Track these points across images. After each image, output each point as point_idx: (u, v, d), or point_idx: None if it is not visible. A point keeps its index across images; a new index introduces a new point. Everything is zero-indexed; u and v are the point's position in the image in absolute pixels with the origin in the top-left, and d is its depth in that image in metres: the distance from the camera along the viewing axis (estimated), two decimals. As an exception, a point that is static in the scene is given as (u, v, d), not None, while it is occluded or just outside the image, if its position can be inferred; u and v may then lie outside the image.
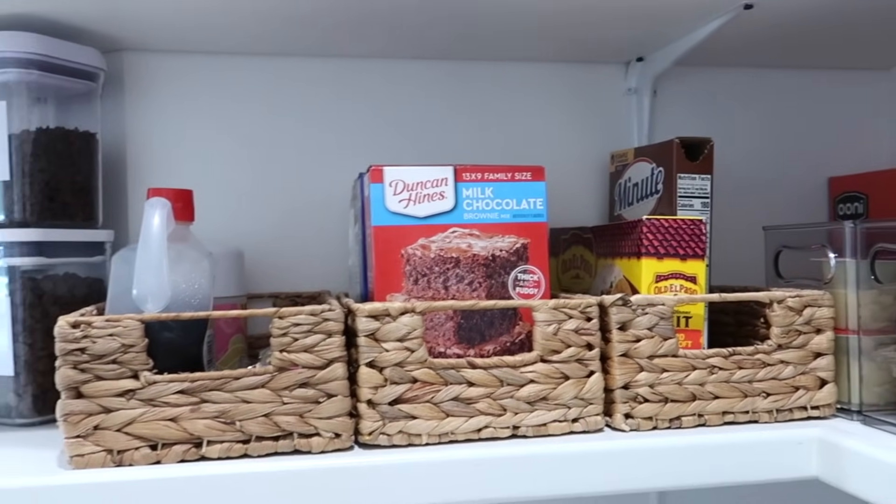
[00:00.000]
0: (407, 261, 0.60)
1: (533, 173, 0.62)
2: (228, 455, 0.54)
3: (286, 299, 0.82)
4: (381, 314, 0.56)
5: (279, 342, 0.55)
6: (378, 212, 0.59)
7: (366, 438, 0.56)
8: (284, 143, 0.85)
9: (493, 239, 0.61)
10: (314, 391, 0.55)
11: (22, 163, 0.67)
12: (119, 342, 0.52)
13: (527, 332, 0.62)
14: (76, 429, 0.51)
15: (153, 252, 0.55)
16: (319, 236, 0.85)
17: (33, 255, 0.67)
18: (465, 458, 0.55)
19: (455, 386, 0.57)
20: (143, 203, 0.82)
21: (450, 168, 0.61)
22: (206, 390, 0.53)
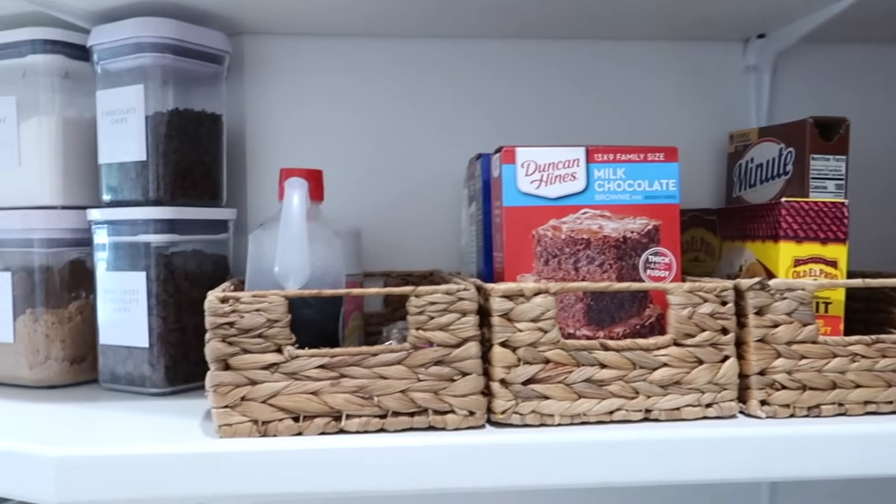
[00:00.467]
0: (538, 242, 0.60)
1: (666, 154, 0.61)
2: (366, 429, 0.55)
3: (397, 278, 0.83)
4: (515, 294, 0.56)
5: (415, 320, 0.55)
6: (509, 192, 0.59)
7: (498, 417, 0.56)
8: (398, 125, 0.86)
9: (624, 220, 0.60)
10: (449, 369, 0.55)
11: (157, 143, 0.69)
12: (265, 317, 0.54)
13: (657, 315, 0.61)
14: (224, 399, 0.53)
15: (294, 231, 0.56)
16: (430, 216, 0.86)
17: (166, 233, 0.70)
18: (598, 439, 0.55)
19: (587, 367, 0.57)
20: (261, 183, 0.84)
21: (581, 149, 0.60)
22: (345, 365, 0.54)
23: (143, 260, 0.69)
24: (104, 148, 0.71)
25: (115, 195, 0.71)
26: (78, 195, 0.74)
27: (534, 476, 0.54)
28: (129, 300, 0.70)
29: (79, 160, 0.74)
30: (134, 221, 0.69)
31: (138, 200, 0.70)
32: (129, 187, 0.70)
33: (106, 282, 0.72)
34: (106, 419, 0.63)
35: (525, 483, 0.54)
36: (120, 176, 0.71)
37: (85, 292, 0.76)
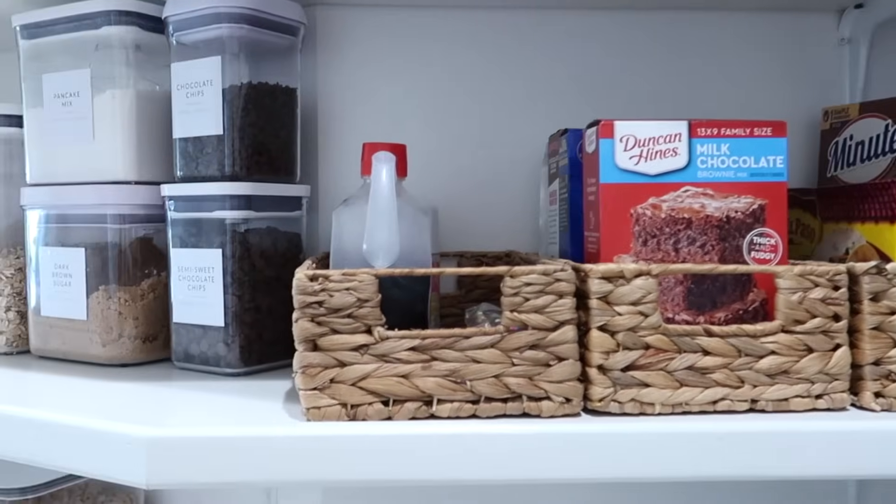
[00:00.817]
0: (636, 221, 0.56)
1: (774, 128, 0.57)
2: (458, 415, 0.52)
3: (471, 258, 0.80)
4: (614, 276, 0.53)
5: (510, 302, 0.53)
6: (607, 168, 0.56)
7: (595, 405, 0.53)
8: (475, 100, 0.83)
9: (727, 199, 0.57)
10: (544, 353, 0.53)
11: (233, 117, 0.68)
12: (355, 296, 0.51)
13: (761, 300, 0.57)
14: (313, 381, 0.51)
15: (383, 207, 0.54)
16: (505, 195, 0.83)
17: (243, 209, 0.68)
18: (704, 430, 0.52)
19: (690, 354, 0.54)
20: (332, 159, 0.82)
21: (684, 123, 0.57)
22: (437, 348, 0.52)
23: (219, 237, 0.68)
24: (179, 122, 0.70)
25: (189, 170, 0.70)
26: (151, 170, 0.73)
27: (635, 468, 0.51)
28: (205, 278, 0.68)
29: (152, 135, 0.73)
30: (210, 197, 0.68)
31: (214, 175, 0.68)
32: (204, 162, 0.69)
33: (180, 259, 0.70)
34: (184, 399, 0.61)
35: (626, 475, 0.51)
36: (195, 150, 0.69)
37: (157, 270, 0.75)
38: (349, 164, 0.81)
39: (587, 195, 0.59)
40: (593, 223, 0.58)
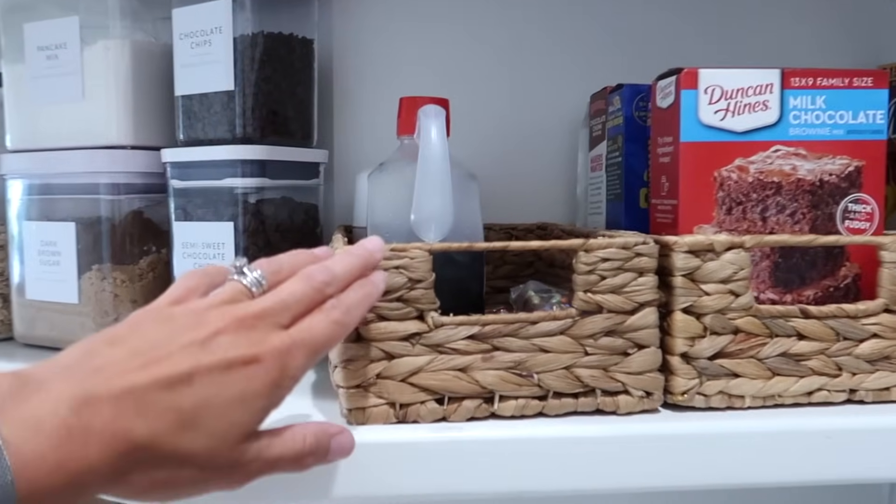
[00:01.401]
0: (720, 185, 0.49)
1: (875, 79, 0.50)
2: (523, 413, 0.46)
3: (500, 231, 0.73)
4: (703, 249, 0.46)
5: (585, 280, 0.45)
6: (689, 125, 0.49)
7: (677, 398, 0.47)
8: (503, 58, 0.75)
9: (821, 160, 0.50)
10: (622, 340, 0.46)
11: (245, 70, 0.59)
12: (406, 276, 0.44)
13: (853, 276, 0.51)
14: (356, 377, 0.44)
15: (436, 170, 0.46)
16: (536, 161, 0.75)
17: (256, 176, 0.60)
18: (806, 427, 0.45)
19: (783, 339, 0.47)
20: (349, 120, 0.74)
21: (776, 71, 0.49)
22: (499, 336, 0.45)
23: (230, 208, 0.60)
24: (183, 77, 0.61)
25: (194, 132, 0.61)
26: (150, 133, 0.65)
27: (733, 472, 0.44)
28: (214, 255, 0.60)
29: (151, 92, 0.64)
30: (218, 163, 0.60)
31: (223, 138, 0.60)
32: (212, 123, 0.60)
33: (184, 234, 0.62)
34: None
35: (723, 480, 0.44)
36: (201, 109, 0.61)
37: (157, 246, 0.67)
38: (367, 126, 0.73)
39: (658, 157, 0.52)
40: (667, 189, 0.51)
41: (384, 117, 0.72)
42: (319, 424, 0.40)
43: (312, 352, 0.37)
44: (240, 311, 0.37)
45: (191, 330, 0.35)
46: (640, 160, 0.59)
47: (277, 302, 0.38)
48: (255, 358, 0.35)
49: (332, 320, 0.38)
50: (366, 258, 0.42)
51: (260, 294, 0.39)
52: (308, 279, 0.39)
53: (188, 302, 0.39)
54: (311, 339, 0.37)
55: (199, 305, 0.37)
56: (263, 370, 0.35)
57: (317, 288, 0.39)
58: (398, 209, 0.49)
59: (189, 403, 0.34)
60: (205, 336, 0.35)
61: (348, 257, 0.41)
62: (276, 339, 0.36)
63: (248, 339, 0.36)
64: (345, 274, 0.40)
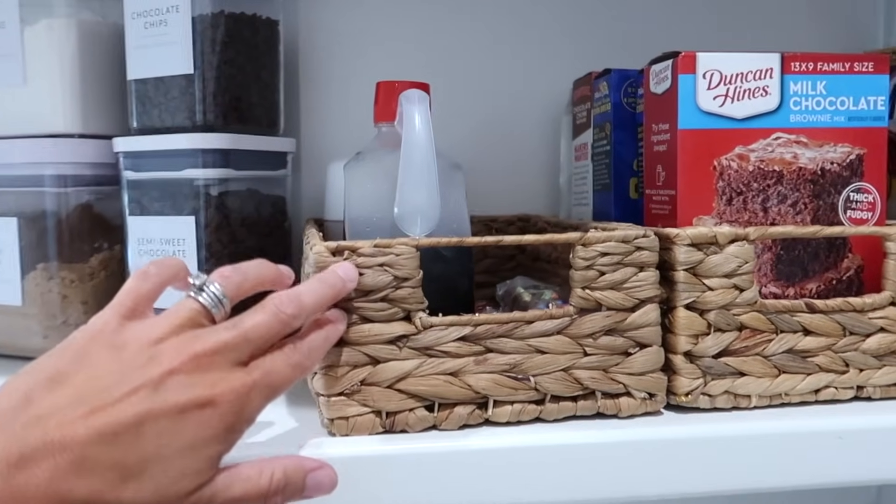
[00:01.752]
0: (720, 174, 0.47)
1: (875, 63, 0.48)
2: (519, 419, 0.42)
3: (479, 224, 0.69)
4: (706, 242, 0.43)
5: (583, 276, 0.42)
6: (687, 111, 0.46)
7: (681, 400, 0.44)
8: (478, 43, 0.71)
9: (822, 148, 0.48)
10: (623, 339, 0.43)
11: (205, 53, 0.54)
12: (391, 274, 0.40)
13: (856, 267, 0.49)
14: (339, 384, 0.40)
15: (420, 159, 0.42)
16: (515, 150, 0.72)
17: (219, 167, 0.55)
18: (816, 428, 0.43)
19: (789, 335, 0.45)
20: (316, 108, 0.69)
21: (775, 56, 0.47)
22: (492, 337, 0.41)
23: (190, 201, 0.55)
24: (136, 59, 0.56)
25: (150, 119, 0.57)
26: (100, 121, 0.59)
27: (742, 477, 0.42)
28: (174, 252, 0.56)
29: (100, 76, 0.59)
30: (177, 152, 0.55)
31: (182, 126, 0.55)
32: (169, 109, 0.56)
33: (140, 229, 0.57)
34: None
35: (731, 486, 0.42)
36: (157, 94, 0.56)
37: (109, 242, 0.62)
38: (336, 113, 0.69)
39: (652, 145, 0.49)
40: (664, 179, 0.48)
41: (355, 103, 0.68)
42: (293, 459, 0.36)
43: (271, 394, 0.34)
44: (197, 346, 0.33)
45: (142, 368, 0.32)
46: (629, 149, 0.56)
47: (238, 335, 0.34)
48: (211, 401, 0.32)
49: (293, 363, 0.35)
50: (338, 288, 0.38)
51: (221, 315, 0.35)
52: (275, 312, 0.35)
53: (142, 321, 0.35)
54: (271, 381, 0.34)
55: (152, 334, 0.33)
56: (219, 414, 0.32)
57: (284, 321, 0.36)
58: (379, 202, 0.45)
59: (135, 457, 0.30)
60: (157, 376, 0.32)
61: (320, 286, 0.38)
62: (236, 379, 0.33)
63: (204, 380, 0.32)
64: (314, 306, 0.37)
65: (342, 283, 0.38)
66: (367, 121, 0.52)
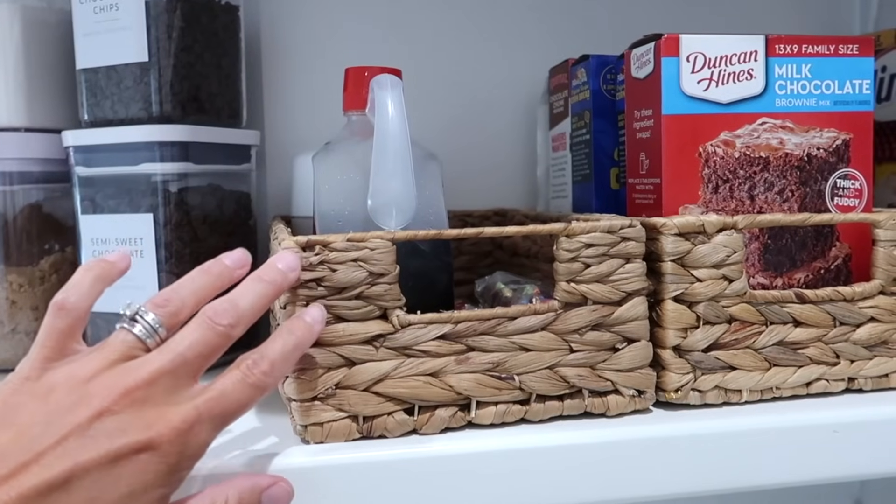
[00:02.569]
0: (706, 161, 0.45)
1: (860, 46, 0.47)
2: (504, 420, 0.40)
3: (454, 219, 0.67)
4: (693, 231, 0.42)
5: (567, 269, 0.40)
6: (671, 96, 0.44)
7: (670, 396, 0.42)
8: (448, 30, 0.69)
9: (808, 133, 0.46)
10: (610, 335, 0.41)
11: (161, 39, 0.51)
12: (366, 270, 0.38)
13: (844, 256, 0.47)
14: (312, 388, 0.37)
15: (395, 148, 0.40)
16: (488, 141, 0.70)
17: (178, 161, 0.52)
18: (811, 421, 0.41)
19: (779, 326, 0.43)
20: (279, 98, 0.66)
21: (760, 38, 0.45)
22: (474, 335, 0.39)
23: (148, 198, 0.52)
24: (86, 47, 0.53)
25: (102, 111, 0.53)
26: (48, 113, 0.56)
27: (737, 475, 0.40)
28: (130, 253, 0.52)
29: (47, 66, 0.55)
30: (133, 146, 0.52)
31: (138, 117, 0.52)
32: (122, 100, 0.52)
33: (93, 229, 0.54)
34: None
35: (727, 485, 0.40)
36: (109, 84, 0.52)
37: (60, 244, 0.58)
38: (302, 103, 0.66)
39: (635, 132, 0.47)
40: (647, 167, 0.46)
41: (321, 92, 0.66)
42: (245, 479, 0.33)
43: (222, 423, 0.31)
44: (129, 380, 0.30)
45: (69, 412, 0.29)
46: (610, 137, 0.54)
47: (174, 358, 0.31)
48: (148, 444, 0.29)
49: (251, 383, 0.32)
50: (279, 283, 0.35)
51: (157, 345, 0.32)
52: (209, 325, 0.33)
53: (69, 361, 0.32)
54: (223, 409, 0.31)
55: (80, 373, 0.31)
56: (158, 457, 0.29)
57: (221, 333, 0.33)
58: (350, 194, 0.43)
59: None
60: (86, 420, 0.29)
61: (256, 285, 0.35)
62: (176, 415, 0.30)
63: (141, 420, 0.29)
64: (253, 309, 0.34)
65: (282, 275, 0.35)
66: (334, 110, 0.50)
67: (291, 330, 0.35)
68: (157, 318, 0.33)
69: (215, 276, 0.35)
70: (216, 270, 0.36)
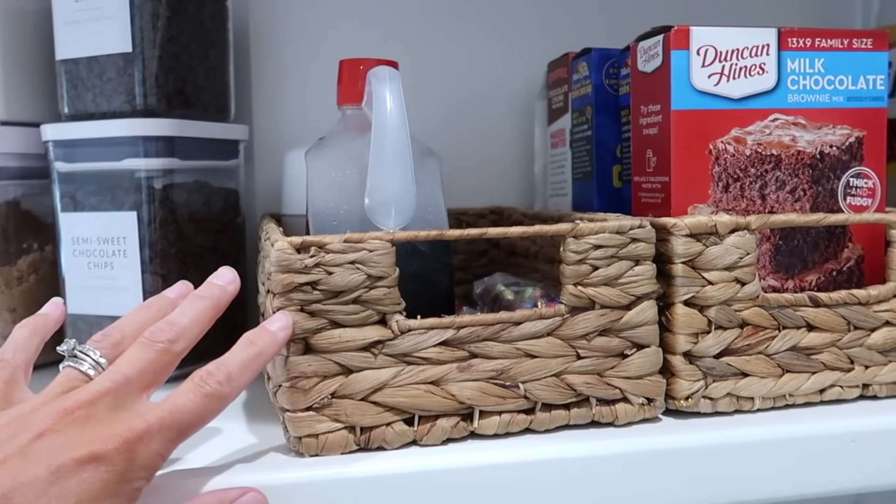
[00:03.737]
0: (716, 159, 0.43)
1: (874, 40, 0.45)
2: (508, 430, 0.38)
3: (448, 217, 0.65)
4: (705, 232, 0.40)
5: (574, 272, 0.38)
6: (680, 90, 0.42)
7: (680, 404, 0.40)
8: (442, 23, 0.66)
9: (821, 130, 0.45)
10: (619, 340, 0.39)
11: (145, 29, 0.49)
12: (364, 273, 0.36)
13: (856, 258, 0.46)
14: (307, 398, 0.35)
15: (393, 143, 0.38)
16: (483, 137, 0.68)
17: (164, 156, 0.50)
18: (828, 430, 0.40)
19: (792, 331, 0.42)
20: (268, 92, 0.64)
21: (772, 31, 0.44)
22: (477, 340, 0.37)
23: (131, 195, 0.50)
24: (66, 37, 0.50)
25: (83, 104, 0.51)
26: (25, 106, 0.54)
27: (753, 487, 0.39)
28: (113, 252, 0.50)
29: (24, 56, 0.53)
30: (116, 140, 0.49)
31: (121, 110, 0.50)
32: (105, 92, 0.50)
33: (74, 227, 0.51)
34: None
35: (741, 498, 0.38)
36: (91, 76, 0.50)
37: (39, 242, 0.56)
38: (292, 96, 0.64)
39: (641, 129, 0.46)
40: (655, 164, 0.44)
41: (314, 85, 0.63)
42: (213, 495, 0.32)
43: (177, 434, 0.30)
44: (69, 402, 0.30)
45: (12, 439, 0.29)
46: (612, 133, 0.52)
47: (115, 377, 0.31)
48: (92, 457, 0.28)
49: (206, 393, 0.31)
50: (216, 297, 0.35)
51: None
52: (148, 343, 0.33)
53: (17, 405, 0.32)
54: (174, 420, 0.30)
55: (25, 408, 0.31)
56: (105, 467, 0.28)
57: (161, 350, 0.32)
58: (346, 192, 0.41)
59: None
60: (27, 441, 0.29)
61: (196, 302, 0.35)
62: (121, 425, 0.29)
63: (82, 435, 0.29)
64: (194, 324, 0.34)
65: (220, 290, 0.36)
66: (327, 104, 0.48)
67: (252, 340, 0.34)
68: (98, 351, 0.33)
69: (156, 310, 0.36)
70: (157, 304, 0.36)
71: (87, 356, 0.33)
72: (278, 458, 0.36)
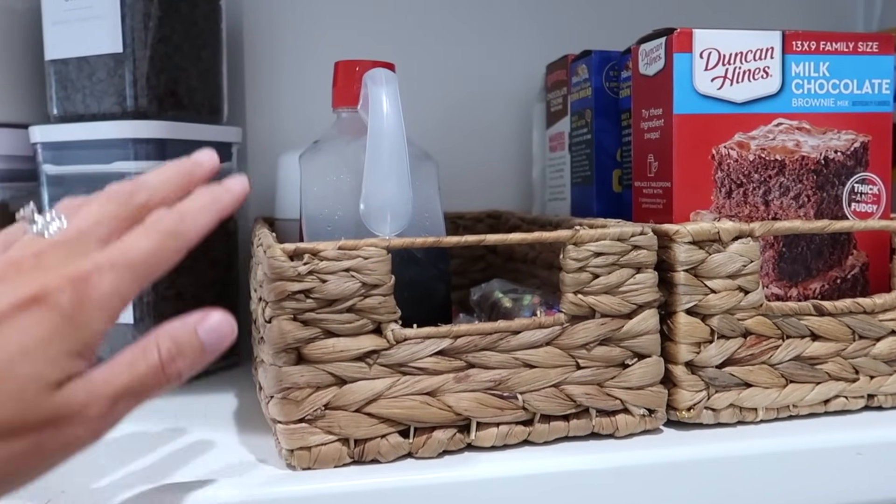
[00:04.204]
0: (719, 164, 0.42)
1: (880, 43, 0.44)
2: (505, 442, 0.37)
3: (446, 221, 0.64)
4: (708, 239, 0.39)
5: (575, 279, 0.37)
6: (683, 94, 0.42)
7: (682, 415, 0.40)
8: (439, 25, 0.65)
9: (826, 135, 0.44)
10: (619, 350, 0.38)
11: (136, 29, 0.48)
12: (359, 281, 0.35)
13: (861, 265, 0.45)
14: (300, 409, 0.34)
15: (390, 147, 0.37)
16: (480, 140, 0.67)
17: (153, 159, 0.49)
18: (825, 443, 0.39)
19: (796, 340, 0.41)
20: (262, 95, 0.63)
21: (776, 34, 0.43)
22: (474, 350, 0.36)
23: (121, 199, 0.48)
24: (55, 37, 0.49)
25: (72, 105, 0.50)
26: (13, 107, 0.53)
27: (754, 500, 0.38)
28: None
29: (12, 56, 0.52)
30: (106, 143, 0.48)
31: (112, 112, 0.49)
32: (95, 93, 0.49)
33: (63, 231, 0.50)
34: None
35: (745, 512, 0.38)
36: (81, 77, 0.49)
37: (28, 246, 0.55)
38: (286, 99, 0.63)
39: (642, 133, 0.45)
40: (656, 169, 0.44)
41: (308, 87, 0.62)
42: (175, 322, 0.30)
43: (129, 270, 0.28)
44: (16, 254, 0.28)
45: None
46: (612, 137, 0.52)
47: (70, 230, 0.29)
48: (32, 299, 0.27)
49: (160, 229, 0.29)
50: (187, 167, 0.33)
51: None
52: (108, 193, 0.31)
53: None
54: (126, 258, 0.28)
55: None
56: (49, 308, 0.27)
57: (122, 202, 0.30)
58: (341, 197, 0.40)
59: None
60: None
61: (166, 168, 0.33)
62: (70, 265, 0.28)
63: (28, 280, 0.27)
64: (158, 183, 0.32)
65: (191, 164, 0.33)
66: (321, 107, 0.47)
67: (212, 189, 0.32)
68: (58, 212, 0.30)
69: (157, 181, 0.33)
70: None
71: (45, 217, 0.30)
72: (270, 471, 0.35)
